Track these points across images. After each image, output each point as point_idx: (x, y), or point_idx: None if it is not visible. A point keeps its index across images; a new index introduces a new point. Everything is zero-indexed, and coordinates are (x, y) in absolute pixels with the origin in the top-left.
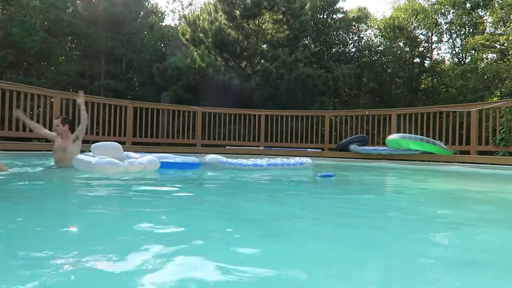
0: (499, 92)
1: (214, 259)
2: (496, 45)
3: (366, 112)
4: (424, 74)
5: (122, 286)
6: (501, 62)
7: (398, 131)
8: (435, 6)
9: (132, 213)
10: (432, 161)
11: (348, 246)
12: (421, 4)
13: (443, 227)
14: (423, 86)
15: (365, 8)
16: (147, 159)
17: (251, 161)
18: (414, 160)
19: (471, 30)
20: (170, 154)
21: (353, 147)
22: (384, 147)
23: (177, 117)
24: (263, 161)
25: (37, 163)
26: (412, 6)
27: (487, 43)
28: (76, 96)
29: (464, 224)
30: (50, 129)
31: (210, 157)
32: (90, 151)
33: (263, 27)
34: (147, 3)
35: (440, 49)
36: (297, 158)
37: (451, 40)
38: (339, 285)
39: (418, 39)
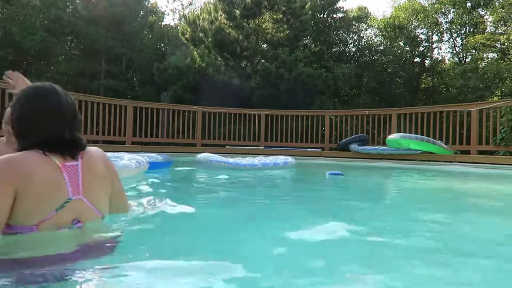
0: (499, 92)
1: None
2: (497, 44)
3: (366, 111)
4: (424, 74)
5: None
6: (502, 61)
7: (398, 131)
8: (436, 6)
9: None
10: (433, 161)
11: None
12: (421, 4)
13: None
14: (423, 85)
15: (365, 8)
16: (145, 160)
17: (244, 160)
18: (414, 160)
19: (471, 29)
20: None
21: (354, 146)
22: (385, 147)
23: (177, 116)
24: (256, 160)
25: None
26: (412, 5)
27: (488, 42)
28: (75, 95)
29: None
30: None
31: (202, 156)
32: None
33: (263, 26)
34: (147, 2)
35: (440, 49)
36: (282, 157)
37: (451, 40)
38: None
39: (418, 39)
